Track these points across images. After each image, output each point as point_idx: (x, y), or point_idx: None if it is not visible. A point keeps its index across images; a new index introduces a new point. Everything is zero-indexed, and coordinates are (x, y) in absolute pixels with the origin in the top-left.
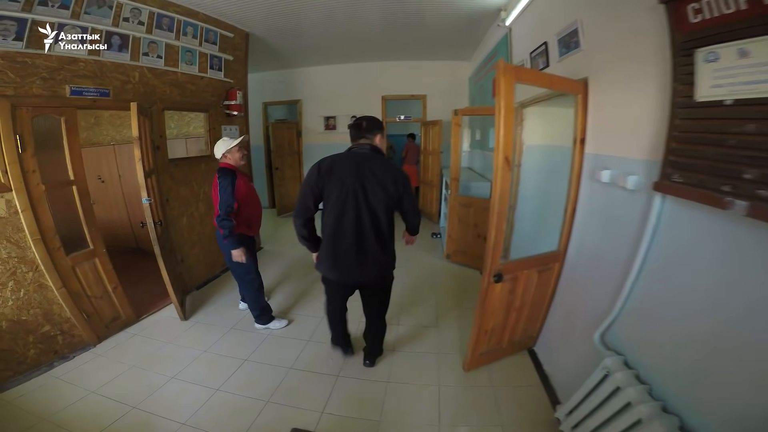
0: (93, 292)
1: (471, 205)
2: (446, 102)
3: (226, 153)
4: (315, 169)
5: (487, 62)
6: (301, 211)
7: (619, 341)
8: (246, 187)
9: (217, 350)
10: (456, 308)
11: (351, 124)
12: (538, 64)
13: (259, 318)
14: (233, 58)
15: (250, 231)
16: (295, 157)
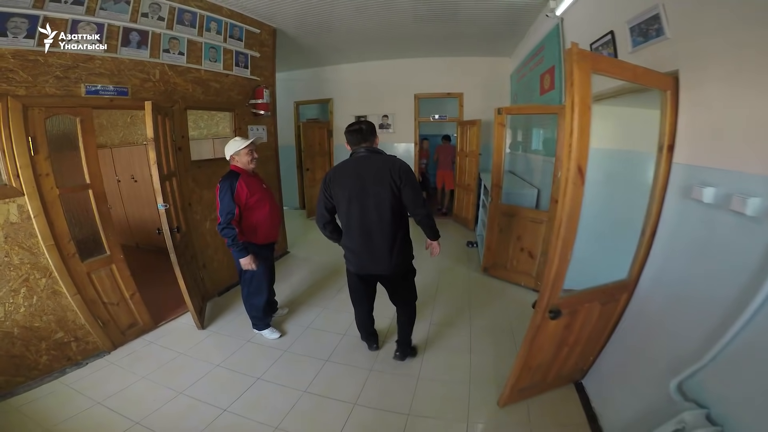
0: (109, 298)
1: (514, 214)
2: (485, 100)
3: (233, 155)
4: (324, 180)
5: (532, 56)
6: (319, 217)
7: (703, 392)
8: (254, 190)
9: (231, 365)
10: (493, 330)
11: (350, 130)
12: (603, 55)
13: (255, 324)
14: (260, 54)
15: (256, 238)
16: (325, 158)
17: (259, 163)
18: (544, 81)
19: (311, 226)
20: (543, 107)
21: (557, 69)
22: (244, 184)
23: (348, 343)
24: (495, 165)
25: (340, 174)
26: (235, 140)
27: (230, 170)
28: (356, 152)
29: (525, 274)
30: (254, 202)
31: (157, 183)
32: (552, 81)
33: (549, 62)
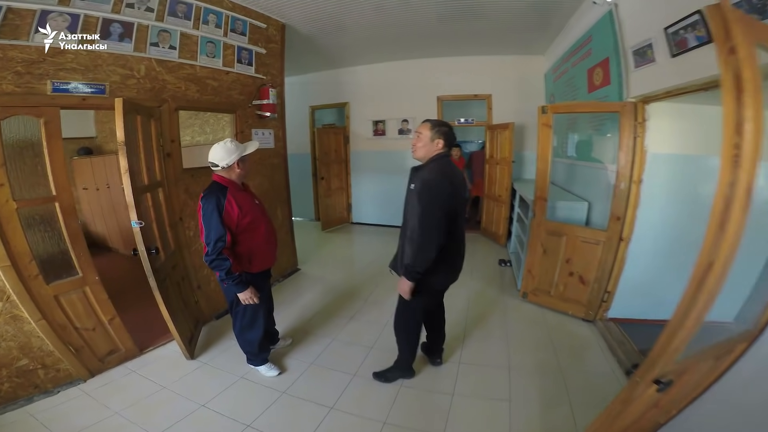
0: (83, 324)
1: (563, 233)
2: (516, 102)
3: (239, 161)
4: (442, 185)
5: (575, 51)
6: (436, 242)
7: None
8: (246, 209)
9: (218, 406)
10: (537, 371)
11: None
12: (688, 41)
13: (249, 359)
14: (266, 51)
15: (251, 267)
16: (342, 166)
17: (266, 172)
18: (594, 76)
19: (326, 239)
20: (600, 104)
21: (613, 61)
22: (234, 202)
23: (358, 386)
24: (539, 174)
25: (453, 182)
26: (231, 143)
27: (213, 182)
28: (444, 155)
29: (574, 302)
30: (247, 224)
31: (129, 196)
32: (606, 75)
33: (600, 54)
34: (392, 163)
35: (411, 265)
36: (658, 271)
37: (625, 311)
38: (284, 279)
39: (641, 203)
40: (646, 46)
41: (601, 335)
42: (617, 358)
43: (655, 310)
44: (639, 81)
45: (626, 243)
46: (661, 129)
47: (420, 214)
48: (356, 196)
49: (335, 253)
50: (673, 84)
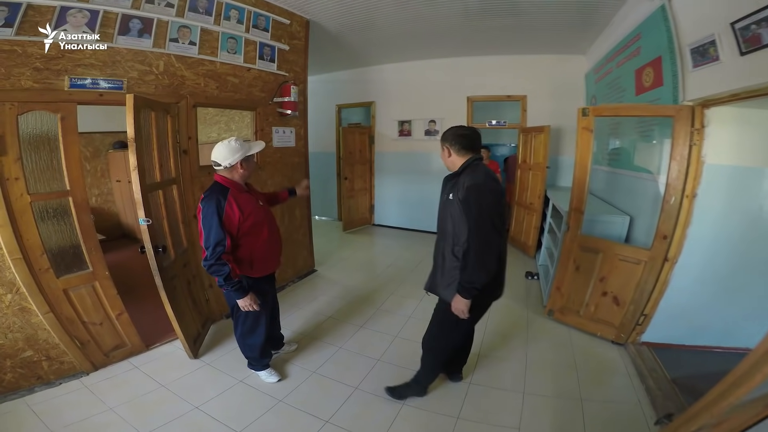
0: (90, 318)
1: (599, 250)
2: (552, 104)
3: (242, 161)
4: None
5: (621, 49)
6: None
7: None
8: (248, 211)
9: (212, 409)
10: (557, 400)
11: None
12: (762, 37)
13: (250, 364)
14: (289, 48)
15: (252, 271)
16: (366, 166)
17: (287, 171)
18: (644, 77)
19: (347, 240)
20: (651, 108)
21: (667, 60)
22: (236, 204)
23: (359, 401)
24: (576, 183)
25: (497, 184)
26: (236, 141)
27: (214, 183)
28: (475, 159)
29: (604, 324)
30: (249, 227)
31: (138, 193)
32: (658, 76)
33: (651, 53)
34: (417, 165)
35: (469, 281)
36: (705, 295)
37: (661, 335)
38: (299, 280)
39: (693, 221)
40: (707, 44)
41: (631, 360)
42: (646, 386)
43: (694, 335)
44: (698, 82)
45: (671, 264)
46: (721, 137)
47: (473, 224)
48: (379, 197)
49: (354, 256)
50: (743, 86)
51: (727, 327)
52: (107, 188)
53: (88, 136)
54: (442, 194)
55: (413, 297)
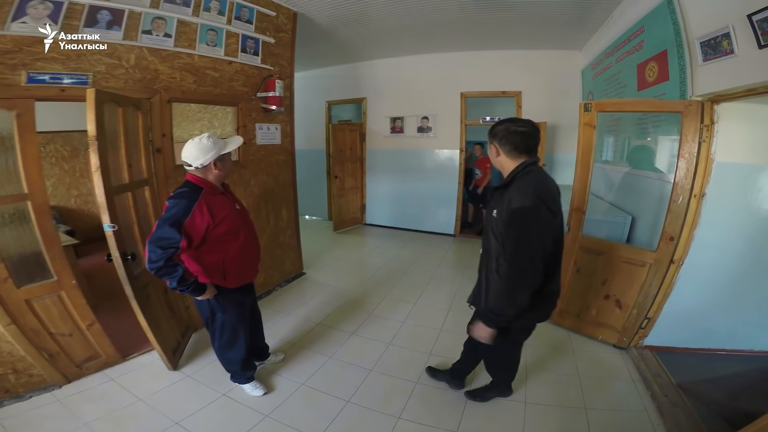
0: (58, 329)
1: (602, 251)
2: (548, 100)
3: (216, 160)
4: (539, 205)
5: (622, 44)
6: (533, 276)
7: None
8: (220, 216)
9: (193, 425)
10: (558, 407)
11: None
12: None
13: (233, 377)
14: (275, 40)
15: (226, 281)
16: (357, 164)
17: (271, 170)
18: (647, 72)
19: (337, 241)
20: (658, 103)
21: (674, 54)
22: (206, 209)
23: (351, 416)
24: (578, 182)
25: (550, 205)
26: (208, 139)
27: (186, 182)
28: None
29: (606, 327)
30: (221, 234)
31: (101, 197)
32: (663, 70)
33: (655, 47)
34: (410, 162)
35: (494, 310)
36: (711, 298)
37: (665, 339)
38: (287, 284)
39: (700, 222)
40: (721, 36)
41: (635, 365)
42: (651, 392)
43: (698, 338)
44: (709, 77)
45: (677, 266)
46: (732, 134)
47: (509, 252)
48: (371, 196)
49: (344, 257)
50: (763, 80)
51: (732, 330)
52: (87, 189)
53: (66, 135)
54: (488, 209)
55: (406, 301)
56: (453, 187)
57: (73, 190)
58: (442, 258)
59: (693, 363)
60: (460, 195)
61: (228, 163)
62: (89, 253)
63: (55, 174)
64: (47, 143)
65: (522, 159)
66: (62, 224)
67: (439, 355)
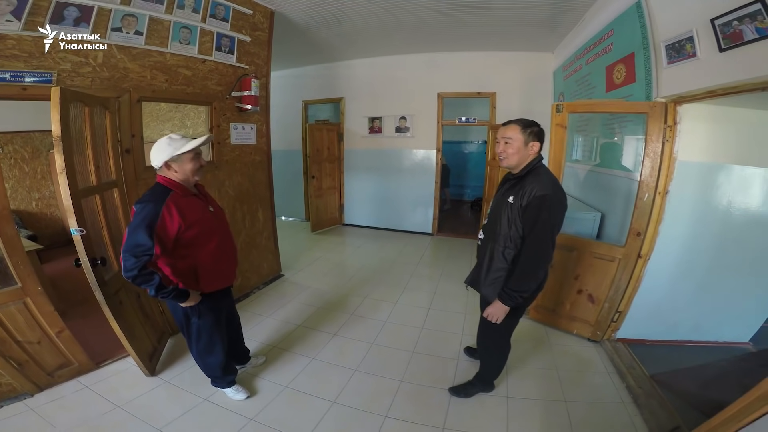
0: (25, 337)
1: (574, 247)
2: (521, 101)
3: (169, 161)
4: (554, 200)
5: (592, 46)
6: (548, 261)
7: None
8: (192, 219)
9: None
10: (538, 400)
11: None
12: (744, 33)
13: (214, 382)
14: (251, 39)
15: (199, 286)
16: (335, 164)
17: (246, 170)
18: (615, 73)
19: (315, 242)
20: (626, 104)
21: (640, 56)
22: (176, 210)
23: (337, 416)
24: None
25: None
26: (170, 138)
27: (156, 184)
28: (540, 160)
29: (580, 321)
30: (192, 237)
31: (66, 200)
32: (630, 72)
33: (623, 50)
34: (388, 162)
35: (518, 289)
36: (678, 291)
37: (636, 332)
38: (265, 286)
39: (665, 218)
40: (685, 40)
41: (609, 358)
42: (626, 384)
43: (667, 331)
44: (672, 79)
45: (645, 261)
46: (693, 134)
47: (533, 235)
48: (349, 196)
49: (323, 258)
50: (721, 82)
51: (698, 322)
52: (49, 191)
53: (26, 135)
54: (498, 192)
55: (388, 300)
56: (430, 187)
57: (34, 192)
58: (420, 257)
59: (662, 354)
60: (437, 194)
61: (188, 164)
62: (54, 258)
63: (15, 176)
64: (6, 144)
65: (539, 154)
66: (24, 229)
67: (423, 352)
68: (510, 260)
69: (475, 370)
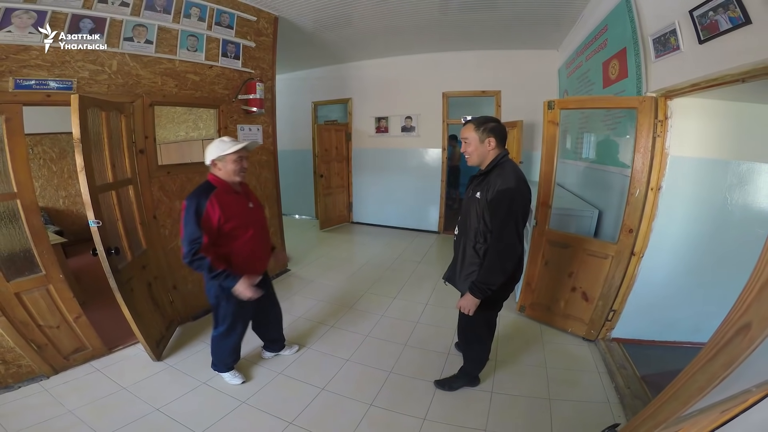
0: (46, 321)
1: (568, 244)
2: (527, 99)
3: (216, 160)
4: (519, 193)
5: (590, 43)
6: (515, 254)
7: None
8: (231, 213)
9: (173, 411)
10: (525, 399)
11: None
12: (719, 23)
13: (214, 364)
14: (256, 44)
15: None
16: (343, 164)
17: (253, 169)
18: (610, 69)
19: (323, 239)
20: (614, 99)
21: (631, 51)
22: (218, 205)
23: (325, 403)
24: (543, 177)
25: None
26: (221, 141)
27: (205, 181)
28: (505, 155)
29: (574, 319)
30: (230, 229)
31: (86, 194)
32: (623, 67)
33: (616, 45)
34: (395, 161)
35: (484, 282)
36: (674, 290)
37: (631, 331)
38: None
39: (658, 214)
40: (668, 33)
41: (602, 357)
42: (615, 384)
43: (664, 331)
44: (660, 73)
45: (638, 258)
46: (685, 128)
47: (498, 228)
48: (357, 194)
49: (329, 254)
50: (701, 75)
51: (697, 322)
52: (75, 190)
53: (54, 136)
54: (467, 190)
55: (387, 295)
56: (436, 185)
57: (61, 191)
58: (424, 254)
59: (658, 355)
60: (444, 193)
61: (230, 165)
62: (79, 253)
63: (44, 175)
64: (35, 145)
65: (501, 149)
66: (51, 225)
67: (414, 346)
68: (482, 254)
69: None
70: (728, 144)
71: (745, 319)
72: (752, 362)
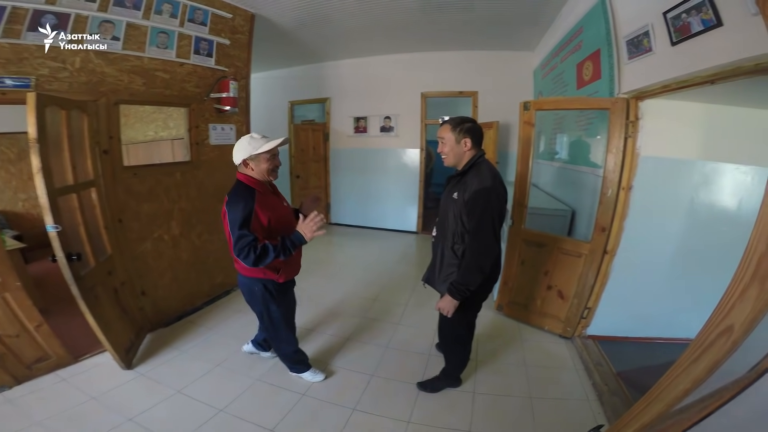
0: (4, 330)
1: (544, 243)
2: (503, 100)
3: (247, 160)
4: (495, 192)
5: (565, 44)
6: (492, 253)
7: None
8: (277, 213)
9: (146, 421)
10: (504, 398)
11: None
12: (691, 26)
13: (292, 368)
14: (231, 42)
15: (279, 276)
16: (321, 164)
17: (226, 170)
18: (584, 70)
19: None
20: (587, 100)
21: (605, 53)
22: (264, 207)
23: (306, 408)
24: (519, 177)
25: (502, 179)
26: (251, 137)
27: (238, 182)
28: (481, 156)
29: (551, 317)
30: (276, 230)
31: (43, 197)
32: (596, 69)
33: (591, 46)
34: (373, 162)
35: (462, 282)
36: (646, 287)
37: (606, 328)
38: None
39: (630, 213)
40: (642, 35)
41: (578, 354)
42: (593, 381)
43: (638, 327)
44: (632, 74)
45: (611, 256)
46: (655, 129)
47: (475, 228)
48: (335, 195)
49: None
50: (672, 76)
51: (670, 318)
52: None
53: (12, 136)
54: (445, 192)
55: (367, 297)
56: (415, 186)
57: (20, 193)
58: (403, 255)
59: (633, 352)
60: (422, 193)
61: (264, 164)
62: (40, 258)
63: (1, 177)
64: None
65: (478, 150)
66: (9, 229)
67: (396, 348)
68: (460, 255)
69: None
70: (695, 145)
71: (728, 322)
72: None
